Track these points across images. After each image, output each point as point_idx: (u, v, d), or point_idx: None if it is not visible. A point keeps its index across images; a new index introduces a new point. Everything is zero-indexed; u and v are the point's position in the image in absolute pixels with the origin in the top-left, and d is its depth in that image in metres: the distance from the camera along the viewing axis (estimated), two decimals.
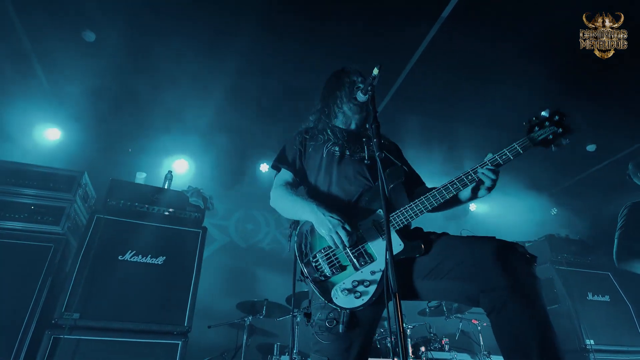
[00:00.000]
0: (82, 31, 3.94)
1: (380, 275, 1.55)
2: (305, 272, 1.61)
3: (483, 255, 1.48)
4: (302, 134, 2.01)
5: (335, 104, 2.03)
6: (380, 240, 1.61)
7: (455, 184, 1.63)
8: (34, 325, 2.73)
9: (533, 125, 1.63)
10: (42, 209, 3.16)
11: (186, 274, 3.22)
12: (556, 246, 4.69)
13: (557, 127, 1.59)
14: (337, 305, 1.53)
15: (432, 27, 3.91)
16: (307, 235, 1.70)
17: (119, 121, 4.90)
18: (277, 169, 2.00)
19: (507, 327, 1.37)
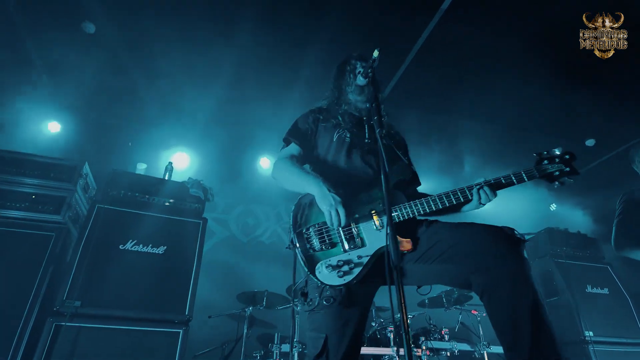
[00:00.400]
0: (81, 22, 3.95)
1: (367, 260, 1.58)
2: (295, 241, 1.65)
3: (472, 238, 1.54)
4: (315, 113, 2.04)
5: (340, 92, 2.07)
6: (373, 230, 1.65)
7: (457, 194, 1.68)
8: (36, 312, 2.73)
9: (543, 159, 1.69)
10: (43, 198, 3.16)
11: (187, 264, 3.22)
12: (555, 239, 4.71)
13: (565, 166, 1.65)
14: (317, 279, 1.56)
15: (432, 19, 3.92)
16: (305, 207, 1.73)
17: (118, 113, 4.90)
18: (287, 142, 2.00)
19: (499, 307, 1.41)
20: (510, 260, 1.44)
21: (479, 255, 1.48)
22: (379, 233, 1.63)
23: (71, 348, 2.66)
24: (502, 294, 1.40)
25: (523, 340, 1.33)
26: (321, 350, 1.58)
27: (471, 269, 1.49)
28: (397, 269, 1.25)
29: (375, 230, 1.64)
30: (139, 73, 4.47)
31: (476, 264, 1.48)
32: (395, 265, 1.25)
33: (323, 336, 1.59)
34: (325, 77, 2.28)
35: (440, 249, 1.57)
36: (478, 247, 1.50)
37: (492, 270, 1.43)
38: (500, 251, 1.46)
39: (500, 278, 1.42)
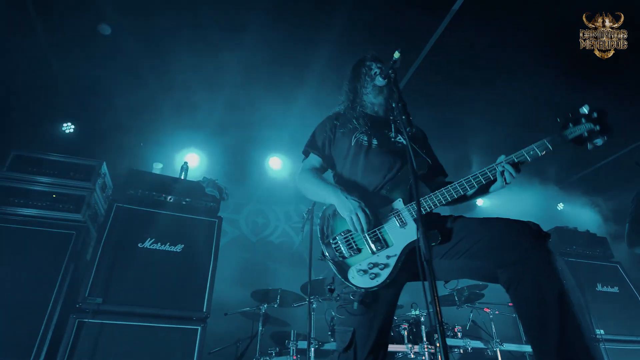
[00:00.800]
0: (98, 25, 4.01)
1: (395, 259, 1.62)
2: (325, 252, 1.70)
3: (498, 233, 1.55)
4: (332, 120, 2.07)
5: (356, 93, 2.09)
6: (397, 228, 1.68)
7: (477, 177, 1.67)
8: (59, 309, 2.79)
9: (568, 121, 1.58)
10: (63, 197, 3.22)
11: (204, 262, 3.27)
12: (565, 238, 4.73)
13: (595, 125, 1.53)
14: (352, 284, 1.60)
15: (443, 20, 3.96)
16: (330, 218, 1.78)
17: (131, 114, 4.95)
18: (307, 154, 2.06)
19: (526, 300, 1.43)
20: (536, 254, 1.45)
21: (505, 249, 1.50)
22: (403, 230, 1.67)
23: (93, 344, 2.71)
24: (528, 287, 1.42)
25: (551, 332, 1.34)
26: (349, 343, 1.62)
27: (497, 264, 1.51)
28: (429, 262, 1.29)
29: (399, 229, 1.67)
30: (152, 75, 4.54)
31: (502, 259, 1.50)
32: (426, 258, 1.28)
33: (351, 330, 1.63)
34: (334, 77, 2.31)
35: (466, 245, 1.59)
36: (504, 242, 1.52)
37: (519, 264, 1.45)
38: (526, 245, 1.48)
39: (527, 271, 1.43)
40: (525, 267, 1.44)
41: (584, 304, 4.18)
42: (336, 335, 1.73)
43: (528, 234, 1.51)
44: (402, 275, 1.66)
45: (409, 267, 1.63)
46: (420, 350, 3.18)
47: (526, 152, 1.63)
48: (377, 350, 1.63)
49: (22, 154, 3.30)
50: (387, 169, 1.84)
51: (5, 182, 3.14)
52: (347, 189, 1.78)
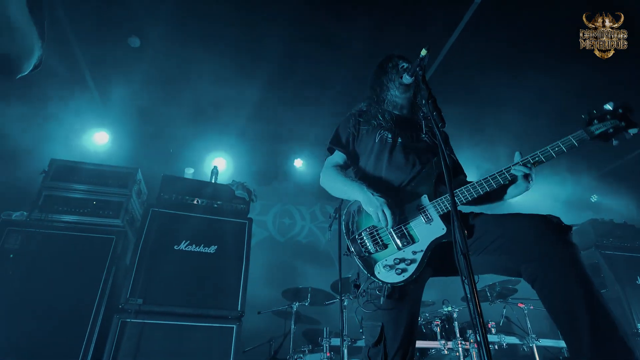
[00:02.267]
0: (127, 37, 4.18)
1: (422, 255, 1.62)
2: (351, 248, 1.72)
3: (520, 228, 1.55)
4: (356, 117, 2.09)
5: (382, 90, 2.09)
6: (423, 224, 1.69)
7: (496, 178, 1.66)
8: (103, 309, 2.94)
9: (592, 118, 1.58)
10: (103, 203, 3.38)
11: (237, 262, 3.36)
12: (601, 230, 4.59)
13: (620, 121, 1.54)
14: (378, 279, 1.62)
15: (465, 14, 3.92)
16: (355, 214, 1.80)
17: (163, 121, 5.12)
18: (331, 151, 2.07)
19: (552, 294, 1.42)
20: (559, 247, 1.44)
21: (527, 244, 1.49)
22: (429, 226, 1.68)
23: (136, 343, 2.84)
24: (553, 282, 1.41)
25: (583, 328, 1.31)
26: (378, 338, 1.64)
27: (520, 259, 1.51)
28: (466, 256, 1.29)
29: (424, 224, 1.68)
30: (180, 81, 4.68)
31: (525, 253, 1.49)
32: (464, 252, 1.29)
33: (379, 324, 1.65)
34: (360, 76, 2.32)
35: (488, 240, 1.60)
36: (526, 237, 1.51)
37: (541, 259, 1.45)
38: (548, 239, 1.47)
39: (550, 266, 1.42)
40: (548, 261, 1.43)
41: (624, 298, 4.05)
42: (364, 330, 1.76)
43: (549, 227, 1.50)
44: (426, 270, 1.68)
45: (433, 262, 1.65)
46: (453, 346, 3.17)
47: (552, 149, 1.62)
48: (407, 344, 1.64)
49: (63, 164, 3.47)
50: (412, 165, 1.86)
51: (49, 191, 3.32)
52: (372, 185, 1.80)
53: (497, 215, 1.69)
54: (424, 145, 1.96)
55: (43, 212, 3.20)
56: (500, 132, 5.30)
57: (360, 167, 2.02)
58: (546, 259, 1.44)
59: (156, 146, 5.28)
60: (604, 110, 1.57)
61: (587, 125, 1.59)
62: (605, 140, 1.56)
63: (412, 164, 1.86)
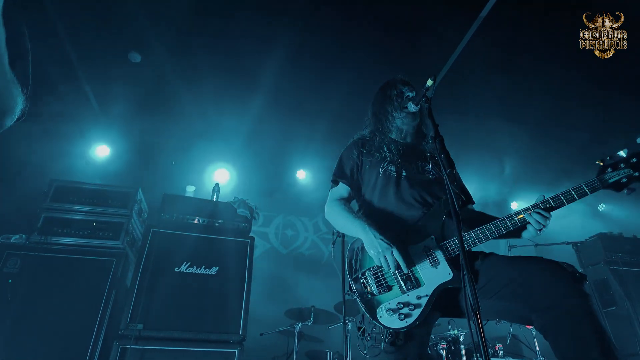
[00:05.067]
0: (128, 53, 4.15)
1: (427, 300, 1.56)
2: (353, 287, 1.65)
3: (531, 275, 1.48)
4: (359, 147, 2.01)
5: (386, 119, 2.01)
6: (429, 267, 1.62)
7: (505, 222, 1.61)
8: (103, 335, 2.89)
9: (606, 166, 1.54)
10: (102, 225, 3.34)
11: (238, 283, 3.31)
12: (609, 245, 4.50)
13: (634, 171, 1.50)
14: (381, 324, 1.55)
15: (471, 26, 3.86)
16: (358, 252, 1.73)
17: (164, 136, 5.09)
18: (336, 183, 2.00)
19: (565, 347, 1.35)
20: (573, 299, 1.38)
21: (540, 293, 1.43)
22: (435, 270, 1.61)
23: None
24: (566, 336, 1.35)
25: None
26: None
27: (532, 308, 1.45)
28: (475, 310, 1.23)
29: (431, 268, 1.61)
30: (182, 95, 4.65)
31: (536, 303, 1.43)
32: (474, 309, 1.23)
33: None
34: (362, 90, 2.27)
35: (497, 285, 1.53)
36: (538, 285, 1.45)
37: (554, 310, 1.38)
38: (561, 289, 1.40)
39: (563, 318, 1.36)
40: (561, 313, 1.37)
41: (634, 315, 3.97)
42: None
43: (563, 276, 1.44)
44: (433, 314, 1.62)
45: (440, 305, 1.58)
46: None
47: (563, 196, 1.57)
48: None
49: (62, 184, 3.43)
50: (419, 202, 1.78)
51: (48, 213, 3.28)
52: (377, 222, 1.73)
53: (509, 258, 1.62)
54: (429, 178, 1.88)
55: (42, 234, 3.16)
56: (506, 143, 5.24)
57: (365, 200, 1.94)
58: (559, 311, 1.37)
59: (159, 160, 5.24)
60: (618, 158, 1.53)
61: (601, 174, 1.54)
62: (617, 189, 1.53)
63: (419, 200, 1.79)
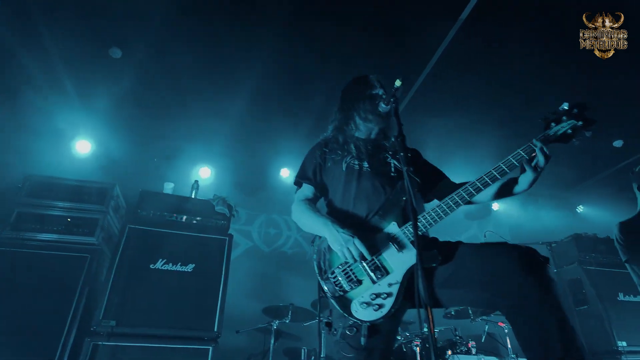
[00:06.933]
0: (108, 48, 4.10)
1: (398, 287, 1.58)
2: (324, 288, 1.66)
3: (495, 261, 1.52)
4: (322, 147, 2.02)
5: (357, 115, 2.02)
6: (395, 253, 1.64)
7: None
8: (75, 332, 2.87)
9: (550, 121, 1.58)
10: (77, 221, 3.31)
11: (215, 281, 3.32)
12: (584, 246, 4.60)
13: (577, 120, 1.54)
14: (357, 319, 1.57)
15: (452, 28, 3.91)
16: (326, 252, 1.74)
17: (145, 132, 5.06)
18: (299, 185, 2.03)
19: (527, 329, 1.39)
20: (535, 282, 1.41)
21: (504, 278, 1.47)
22: (402, 255, 1.63)
23: None
24: (528, 317, 1.39)
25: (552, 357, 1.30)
26: None
27: (497, 293, 1.48)
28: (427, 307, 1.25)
29: (397, 253, 1.63)
30: (165, 92, 4.61)
31: (501, 288, 1.47)
32: (424, 303, 1.25)
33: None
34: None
35: (464, 273, 1.57)
36: (502, 271, 1.48)
37: (518, 294, 1.42)
38: (524, 273, 1.44)
39: (526, 300, 1.40)
40: (524, 296, 1.40)
41: (605, 314, 4.06)
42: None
43: (526, 261, 1.47)
44: (404, 305, 1.64)
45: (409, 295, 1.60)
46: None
47: (513, 158, 1.60)
48: None
49: (38, 180, 3.40)
50: (380, 192, 1.81)
51: (22, 208, 3.24)
52: (340, 218, 1.76)
53: (475, 246, 1.65)
54: (391, 169, 1.91)
55: (15, 230, 3.12)
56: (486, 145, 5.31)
57: (330, 199, 1.97)
58: (522, 294, 1.41)
59: (139, 157, 5.20)
60: (560, 112, 1.56)
61: (546, 129, 1.58)
62: (565, 141, 1.56)
63: (380, 190, 1.82)
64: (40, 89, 4.38)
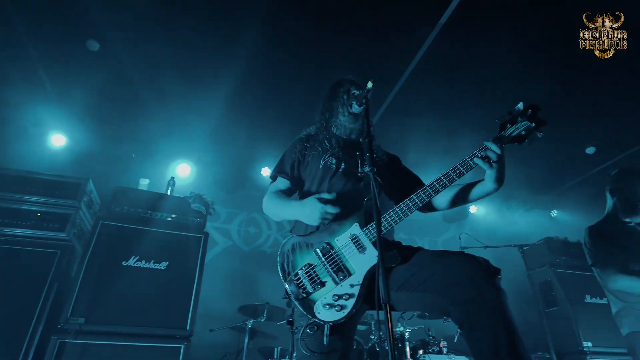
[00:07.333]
0: (85, 40, 4.03)
1: (359, 288, 1.60)
2: (288, 291, 1.66)
3: (450, 270, 1.55)
4: (303, 142, 2.06)
5: (331, 116, 2.08)
6: (357, 254, 1.66)
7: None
8: (41, 329, 2.81)
9: (505, 123, 1.62)
10: (48, 215, 3.24)
11: (188, 279, 3.29)
12: (555, 249, 4.73)
13: (531, 122, 1.57)
14: (320, 320, 1.58)
15: (431, 32, 3.97)
16: (289, 253, 1.75)
17: (123, 127, 4.98)
18: (274, 178, 2.05)
19: (478, 339, 1.43)
20: (486, 293, 1.46)
21: (456, 287, 1.51)
22: (363, 256, 1.65)
23: None
24: (479, 326, 1.43)
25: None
26: None
27: (449, 301, 1.52)
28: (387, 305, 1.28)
29: (359, 254, 1.66)
30: (144, 87, 4.54)
31: (453, 296, 1.51)
32: (385, 301, 1.28)
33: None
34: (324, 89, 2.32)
35: (420, 278, 1.60)
36: (455, 279, 1.52)
37: (469, 303, 1.46)
38: (475, 283, 1.48)
39: (477, 310, 1.44)
40: (475, 306, 1.44)
41: (572, 316, 4.18)
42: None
43: (478, 271, 1.51)
44: (362, 307, 1.66)
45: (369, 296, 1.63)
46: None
47: (469, 159, 1.63)
48: None
49: (7, 173, 3.31)
50: (347, 193, 1.85)
51: None
52: None
53: (434, 253, 1.69)
54: (359, 170, 1.94)
55: None
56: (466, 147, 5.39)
57: (304, 192, 2.00)
58: (473, 304, 1.45)
59: (116, 152, 5.11)
60: (516, 112, 1.60)
61: (501, 130, 1.62)
62: (519, 142, 1.59)
63: (348, 191, 1.85)
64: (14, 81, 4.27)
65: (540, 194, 6.71)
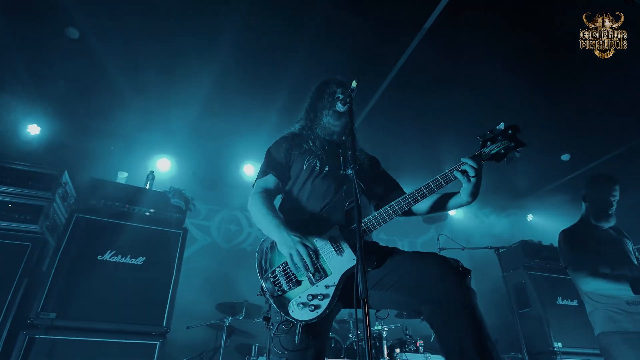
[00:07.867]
0: (65, 28, 3.91)
1: (334, 289, 1.62)
2: (264, 288, 1.66)
3: (422, 270, 1.59)
4: (289, 140, 2.05)
5: (316, 116, 2.09)
6: (335, 256, 1.68)
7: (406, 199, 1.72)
8: (9, 324, 2.71)
9: (486, 140, 1.68)
10: (20, 207, 3.13)
11: (166, 275, 3.23)
12: (529, 252, 4.85)
13: (510, 142, 1.64)
14: (293, 318, 1.58)
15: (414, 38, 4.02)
16: (267, 251, 1.76)
17: (101, 119, 4.86)
18: (265, 174, 2.00)
19: (448, 338, 1.46)
20: (457, 293, 1.50)
21: (428, 287, 1.54)
22: (341, 258, 1.67)
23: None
24: (449, 325, 1.46)
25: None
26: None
27: (420, 300, 1.55)
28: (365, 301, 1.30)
29: (336, 256, 1.67)
30: (122, 79, 4.44)
31: (425, 296, 1.54)
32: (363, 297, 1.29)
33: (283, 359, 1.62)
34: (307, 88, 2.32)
35: (394, 278, 1.63)
36: (426, 279, 1.56)
37: (441, 302, 1.49)
38: (447, 284, 1.52)
39: (448, 310, 1.47)
40: (446, 306, 1.48)
41: (544, 317, 4.31)
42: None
43: (448, 271, 1.55)
44: (337, 306, 1.67)
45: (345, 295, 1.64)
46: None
47: (450, 172, 1.68)
48: None
49: None
50: (328, 195, 1.86)
51: None
52: (291, 214, 1.80)
53: (408, 254, 1.72)
54: (340, 172, 1.95)
55: None
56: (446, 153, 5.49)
57: (287, 193, 2.00)
58: (444, 303, 1.48)
59: (95, 144, 4.98)
60: (497, 132, 1.66)
61: (482, 147, 1.68)
62: (497, 160, 1.66)
63: (329, 192, 1.86)
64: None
65: (517, 198, 6.88)
